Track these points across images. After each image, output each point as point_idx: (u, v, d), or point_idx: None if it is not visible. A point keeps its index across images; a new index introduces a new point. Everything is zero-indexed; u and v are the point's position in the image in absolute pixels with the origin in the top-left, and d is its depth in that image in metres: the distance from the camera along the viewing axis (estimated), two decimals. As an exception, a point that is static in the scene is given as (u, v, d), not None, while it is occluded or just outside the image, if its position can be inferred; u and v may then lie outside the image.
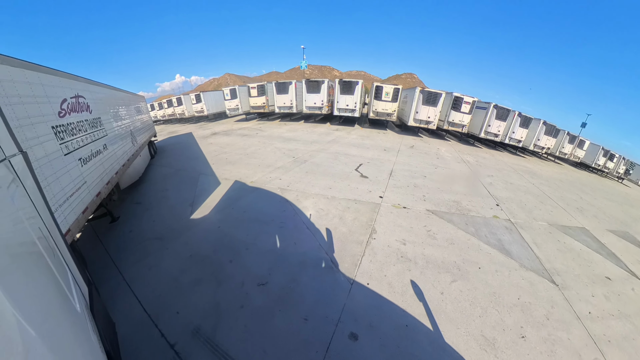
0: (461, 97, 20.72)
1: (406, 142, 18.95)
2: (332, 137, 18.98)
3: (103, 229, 7.71)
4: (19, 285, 1.23)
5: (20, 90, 4.44)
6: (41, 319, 1.25)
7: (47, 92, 5.24)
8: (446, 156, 16.05)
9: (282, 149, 15.34)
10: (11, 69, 4.34)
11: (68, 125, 5.79)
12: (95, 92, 8.13)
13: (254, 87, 26.62)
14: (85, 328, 2.02)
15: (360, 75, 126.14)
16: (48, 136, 4.95)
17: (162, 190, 10.39)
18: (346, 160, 13.23)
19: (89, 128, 6.94)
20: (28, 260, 1.58)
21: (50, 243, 2.27)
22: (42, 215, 2.39)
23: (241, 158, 13.92)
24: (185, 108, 33.71)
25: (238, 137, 19.64)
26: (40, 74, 5.21)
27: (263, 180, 10.31)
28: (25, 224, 1.80)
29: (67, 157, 5.49)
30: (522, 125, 20.93)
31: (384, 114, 22.76)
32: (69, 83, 6.31)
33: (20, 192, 2.04)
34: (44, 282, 1.60)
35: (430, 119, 20.95)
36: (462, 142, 22.36)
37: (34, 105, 4.73)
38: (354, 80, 22.20)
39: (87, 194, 5.99)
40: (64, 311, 1.69)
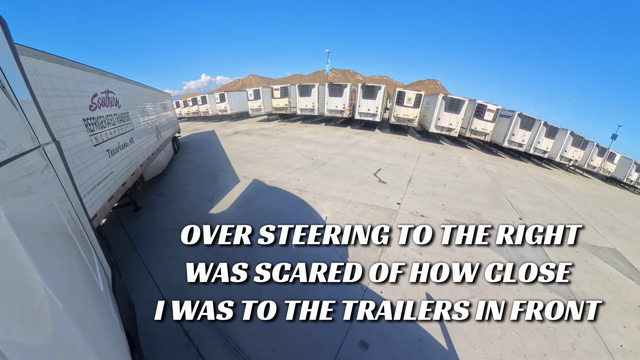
0: (484, 104, 20.09)
1: (427, 149, 18.53)
2: (352, 141, 18.82)
3: (127, 217, 7.96)
4: (49, 262, 1.30)
5: (55, 84, 4.60)
6: (68, 293, 1.33)
7: (79, 86, 5.43)
8: (467, 165, 15.55)
9: (302, 150, 15.35)
10: (47, 63, 4.52)
11: (98, 118, 5.99)
12: (125, 88, 8.37)
13: (277, 89, 26.94)
14: (107, 306, 2.13)
15: (383, 80, 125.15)
16: (79, 127, 5.11)
17: (183, 184, 10.60)
18: (365, 164, 13.04)
19: (117, 122, 7.13)
20: (58, 239, 1.67)
21: (78, 226, 2.37)
22: (72, 200, 2.49)
23: (261, 157, 14.03)
24: (210, 106, 34.55)
25: (259, 137, 19.84)
26: (74, 70, 5.40)
27: (281, 180, 10.31)
28: (56, 206, 1.89)
29: (96, 148, 5.67)
30: (548, 136, 19.99)
31: (405, 119, 22.39)
32: (100, 79, 6.53)
33: (53, 178, 2.12)
34: (71, 261, 1.70)
35: (452, 126, 20.44)
36: (485, 151, 21.63)
37: (67, 99, 4.91)
38: (376, 85, 22.04)
39: (113, 183, 6.17)
40: (88, 289, 1.79)
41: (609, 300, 5.59)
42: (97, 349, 1.41)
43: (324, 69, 44.87)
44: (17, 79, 2.31)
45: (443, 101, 20.15)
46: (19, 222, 1.10)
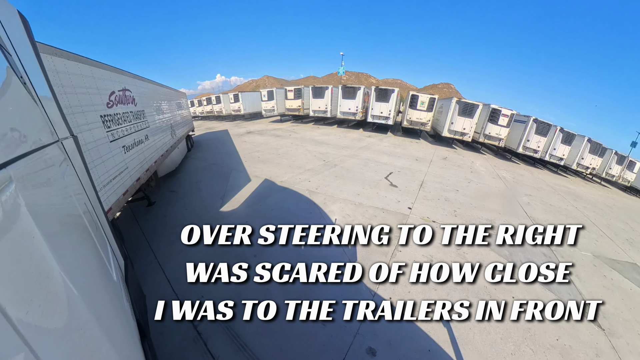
0: (499, 109, 19.63)
1: (439, 153, 18.21)
2: (364, 144, 18.69)
3: (140, 211, 8.09)
4: (66, 250, 1.35)
5: (74, 82, 4.67)
6: (82, 281, 1.38)
7: (97, 84, 5.52)
8: (481, 170, 15.20)
9: (314, 152, 15.32)
10: (67, 61, 4.59)
11: (115, 115, 6.09)
12: (141, 87, 8.50)
13: (291, 90, 27.05)
14: (120, 296, 2.19)
15: (396, 83, 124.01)
16: (96, 124, 5.19)
17: (195, 182, 10.69)
18: (376, 167, 12.92)
19: (133, 119, 7.24)
20: (74, 230, 1.73)
21: (94, 218, 2.46)
22: (88, 192, 2.59)
23: (273, 158, 14.06)
24: (223, 106, 34.90)
25: (271, 137, 19.91)
26: (93, 68, 5.48)
27: (292, 180, 10.30)
28: (73, 198, 1.96)
29: (113, 143, 5.76)
30: (565, 142, 19.26)
31: (418, 123, 22.19)
32: (117, 77, 6.63)
33: (70, 171, 2.19)
34: (86, 251, 1.77)
35: (465, 131, 20.06)
36: (498, 157, 21.09)
37: (86, 96, 4.98)
38: (390, 88, 21.84)
39: (128, 178, 6.28)
40: (102, 278, 1.84)
41: (629, 318, 5.28)
42: (109, 335, 1.45)
43: (338, 71, 44.83)
44: (38, 76, 2.39)
45: (457, 105, 19.81)
46: (38, 211, 1.14)
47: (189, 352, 3.86)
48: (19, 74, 1.68)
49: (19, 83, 1.59)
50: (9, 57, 1.59)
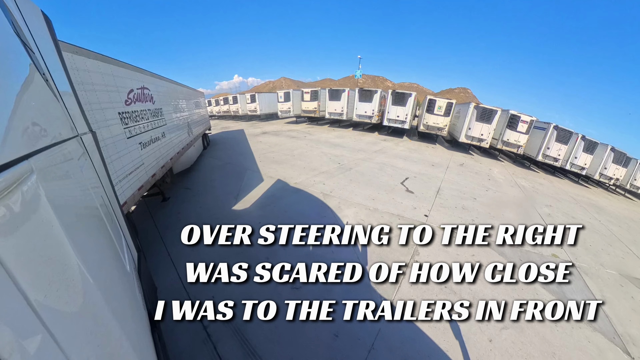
0: (518, 115, 18.83)
1: (456, 159, 17.74)
2: (379, 147, 18.41)
3: (155, 207, 8.17)
4: (82, 240, 1.39)
5: (93, 79, 4.74)
6: (97, 270, 1.44)
7: (116, 82, 5.61)
8: (499, 178, 14.67)
9: (328, 154, 15.17)
10: (87, 60, 4.66)
11: (132, 112, 6.17)
12: (160, 85, 8.62)
13: (308, 92, 27.05)
14: (133, 286, 2.25)
15: (413, 87, 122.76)
16: (114, 120, 5.26)
17: (210, 180, 10.72)
18: (392, 172, 12.63)
19: (151, 117, 7.33)
20: (91, 221, 1.80)
21: (110, 210, 2.54)
22: (105, 186, 2.68)
23: (287, 159, 13.97)
24: (240, 106, 35.22)
25: (286, 139, 19.88)
26: (112, 66, 5.57)
27: (306, 183, 10.18)
28: (91, 191, 2.03)
29: (130, 140, 5.83)
30: (586, 151, 18.23)
31: (434, 127, 21.64)
32: (136, 75, 6.73)
33: (88, 165, 2.28)
34: (102, 242, 1.82)
35: (483, 137, 19.46)
36: (517, 164, 20.33)
37: (105, 93, 5.06)
38: (407, 92, 21.50)
39: (143, 174, 6.36)
40: (116, 268, 1.91)
41: (662, 343, 4.92)
42: (122, 323, 1.50)
43: (355, 74, 44.76)
44: (59, 73, 2.47)
45: (475, 110, 19.26)
46: (57, 202, 1.17)
47: (198, 352, 3.82)
48: (41, 71, 1.71)
49: (41, 79, 1.62)
50: (32, 54, 1.62)
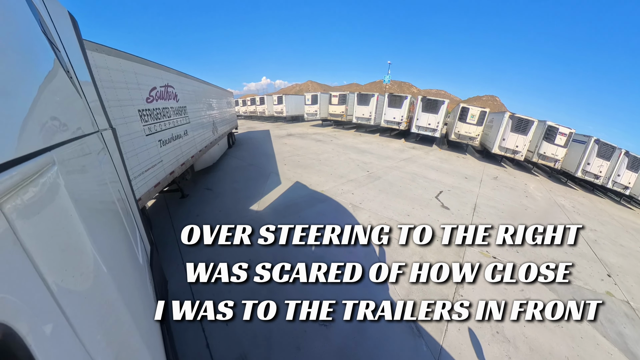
0: (556, 127, 17.27)
1: (489, 172, 16.58)
2: (407, 155, 17.58)
3: (174, 205, 8.09)
4: (99, 230, 1.42)
5: (113, 76, 4.65)
6: (111, 261, 1.46)
7: (138, 79, 5.50)
8: (536, 195, 13.48)
9: (356, 161, 14.58)
10: (107, 57, 4.56)
11: (154, 110, 6.11)
12: (185, 84, 8.54)
13: (336, 96, 26.61)
14: (145, 278, 2.30)
15: (440, 94, 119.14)
16: (133, 117, 5.19)
17: (232, 182, 10.47)
18: (425, 184, 11.83)
19: (173, 115, 7.25)
20: (107, 213, 1.82)
21: (126, 205, 2.60)
22: (122, 181, 2.74)
23: (313, 163, 13.53)
24: (267, 107, 35.38)
25: (312, 142, 19.51)
26: (134, 64, 5.59)
27: (334, 191, 9.66)
28: (108, 185, 2.06)
29: (148, 137, 5.75)
30: (631, 168, 16.22)
31: (466, 137, 20.50)
32: (160, 73, 6.68)
33: (107, 160, 2.32)
34: (117, 233, 1.85)
35: (518, 149, 18.22)
36: (552, 179, 18.85)
37: (124, 90, 5.01)
38: (439, 99, 20.56)
39: (161, 171, 6.27)
40: (129, 260, 1.95)
41: None
42: (133, 313, 1.52)
43: (384, 79, 44.28)
44: (83, 71, 2.52)
45: (510, 120, 18.16)
46: (76, 193, 1.20)
47: None
48: (65, 68, 1.75)
49: (65, 76, 1.66)
50: (57, 52, 1.65)
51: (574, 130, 17.53)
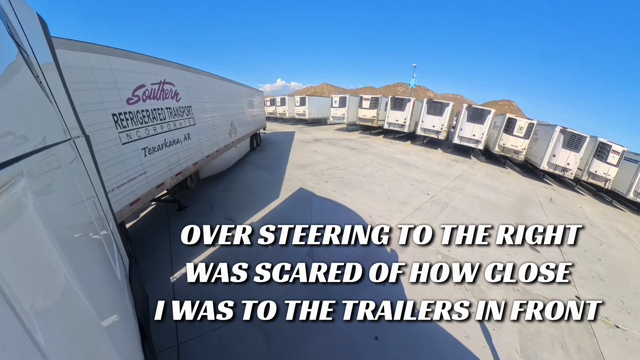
0: (608, 144, 15.50)
1: (540, 192, 14.51)
2: (456, 171, 15.44)
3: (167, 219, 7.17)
4: (72, 246, 1.32)
5: (76, 76, 3.79)
6: (86, 277, 1.35)
7: (116, 77, 4.61)
8: (598, 223, 11.41)
9: (407, 178, 12.46)
10: (68, 53, 3.69)
11: (138, 112, 5.11)
12: (192, 80, 7.38)
13: (368, 99, 24.68)
14: (123, 294, 2.16)
15: (456, 98, 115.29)
16: (104, 124, 4.31)
17: (251, 200, 8.68)
18: (498, 214, 9.58)
19: (170, 116, 6.16)
20: (81, 226, 1.67)
21: (102, 216, 2.42)
22: (97, 191, 2.56)
23: (359, 180, 11.36)
24: (287, 109, 33.96)
25: (346, 150, 17.59)
26: (112, 58, 4.54)
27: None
28: (82, 196, 1.90)
29: (126, 146, 4.80)
30: None
31: (511, 150, 18.60)
32: (153, 68, 5.60)
33: (80, 170, 2.16)
34: (92, 249, 1.72)
35: (569, 166, 16.92)
36: (597, 198, 17.33)
37: (93, 92, 4.13)
38: (486, 109, 18.76)
39: (142, 185, 5.28)
40: (106, 275, 1.81)
41: None
42: (110, 333, 1.41)
43: (409, 82, 43.35)
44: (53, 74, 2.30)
45: (561, 135, 16.97)
46: (47, 206, 1.13)
47: None
48: (35, 73, 1.66)
49: (34, 82, 1.57)
50: (25, 56, 1.57)
51: (627, 148, 16.30)
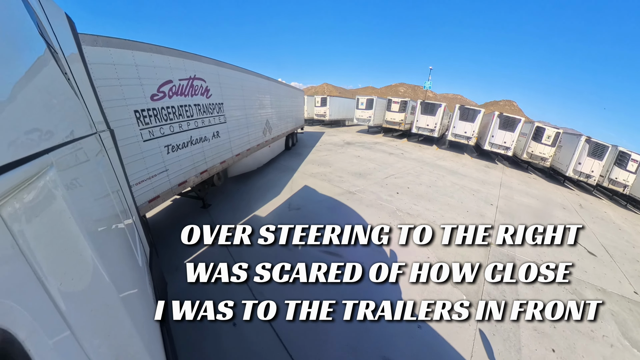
0: (628, 153, 16.41)
1: (569, 197, 14.65)
2: (494, 178, 15.38)
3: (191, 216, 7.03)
4: (97, 234, 1.40)
5: (95, 73, 3.62)
6: (110, 263, 1.45)
7: (140, 72, 4.47)
8: (625, 228, 11.27)
9: (464, 187, 12.01)
10: (91, 49, 3.62)
11: (163, 109, 4.94)
12: (226, 77, 7.09)
13: (397, 102, 24.64)
14: (144, 280, 2.28)
15: (456, 98, 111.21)
16: (125, 121, 4.21)
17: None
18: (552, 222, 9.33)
19: (197, 113, 5.96)
20: (106, 216, 1.78)
21: (125, 206, 2.55)
22: (121, 183, 2.70)
23: (427, 191, 10.46)
24: (306, 109, 32.39)
25: (385, 155, 16.99)
26: (137, 53, 4.40)
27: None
28: (107, 187, 2.01)
29: (147, 143, 4.66)
30: None
31: (538, 157, 18.81)
32: (183, 63, 5.39)
33: (105, 162, 2.28)
34: (115, 236, 1.81)
35: (593, 173, 18.43)
36: (614, 202, 18.63)
37: (116, 88, 4.06)
38: (517, 117, 19.05)
39: (162, 183, 5.13)
40: (128, 262, 1.93)
41: None
42: (132, 315, 1.52)
43: (424, 85, 43.46)
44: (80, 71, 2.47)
45: (586, 145, 18.43)
46: (74, 195, 1.20)
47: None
48: (63, 70, 1.73)
49: (63, 78, 1.65)
50: (55, 54, 1.64)
51: (643, 155, 17.83)
